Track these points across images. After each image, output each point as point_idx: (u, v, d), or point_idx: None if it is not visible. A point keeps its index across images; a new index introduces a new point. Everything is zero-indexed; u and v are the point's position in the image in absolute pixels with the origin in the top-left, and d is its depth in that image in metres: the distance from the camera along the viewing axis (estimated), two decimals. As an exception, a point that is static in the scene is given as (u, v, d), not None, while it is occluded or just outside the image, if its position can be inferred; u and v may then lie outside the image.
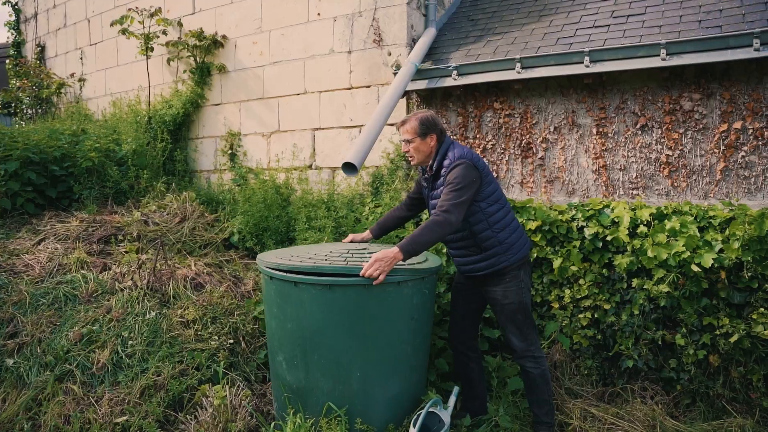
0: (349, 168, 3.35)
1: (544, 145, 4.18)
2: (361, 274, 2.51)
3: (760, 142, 3.45)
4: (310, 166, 5.28)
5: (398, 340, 2.73)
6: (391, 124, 4.78)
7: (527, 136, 4.23)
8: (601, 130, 3.94)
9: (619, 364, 3.51)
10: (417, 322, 2.81)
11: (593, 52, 3.73)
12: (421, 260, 2.88)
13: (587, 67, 3.75)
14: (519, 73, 4.02)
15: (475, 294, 3.02)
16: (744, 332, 3.14)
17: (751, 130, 3.46)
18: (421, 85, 4.48)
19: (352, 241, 3.31)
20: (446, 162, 2.83)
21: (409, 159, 2.94)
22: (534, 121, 4.21)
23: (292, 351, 2.70)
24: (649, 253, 3.27)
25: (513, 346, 2.88)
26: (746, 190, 3.50)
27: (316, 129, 5.23)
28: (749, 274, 3.08)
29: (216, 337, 3.36)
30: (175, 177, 5.62)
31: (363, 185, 4.86)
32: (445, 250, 3.73)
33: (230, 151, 5.71)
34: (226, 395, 2.79)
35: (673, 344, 3.36)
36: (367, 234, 3.32)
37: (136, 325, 3.27)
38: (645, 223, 3.40)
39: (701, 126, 3.60)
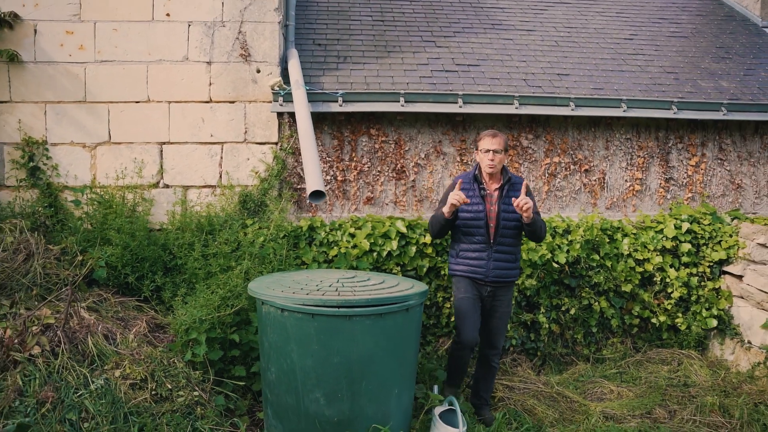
0: (317, 195, 3.35)
1: (415, 169, 4.85)
2: (520, 203, 3.13)
3: (567, 173, 4.92)
4: (156, 185, 4.66)
5: (414, 353, 3.03)
6: (261, 143, 4.72)
7: (401, 161, 4.84)
8: (462, 158, 4.86)
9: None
10: (419, 335, 3.15)
11: (465, 96, 4.60)
12: (412, 285, 3.16)
13: (460, 107, 4.60)
14: (403, 106, 4.58)
15: (481, 303, 3.49)
16: (577, 307, 4.49)
17: (563, 164, 4.90)
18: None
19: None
20: (517, 179, 3.45)
21: (491, 167, 3.35)
22: (406, 148, 4.84)
23: (335, 384, 2.69)
24: (524, 256, 4.32)
25: (497, 345, 3.53)
26: (560, 207, 4.93)
27: (164, 143, 4.66)
28: (585, 265, 4.45)
29: (181, 393, 2.91)
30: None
31: (232, 206, 4.62)
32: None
33: (31, 164, 4.51)
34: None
35: (535, 322, 4.51)
36: None
37: (85, 402, 2.58)
38: (517, 233, 4.44)
39: (533, 158, 4.88)
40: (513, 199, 3.22)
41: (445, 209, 3.28)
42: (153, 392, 2.86)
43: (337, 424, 2.72)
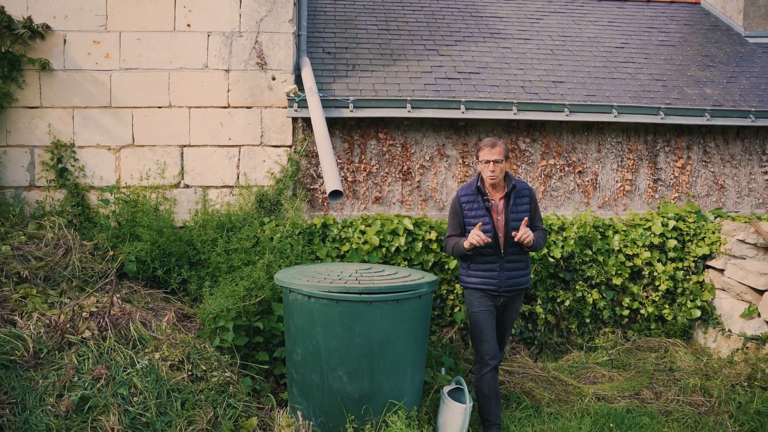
0: (336, 194, 3.66)
1: (420, 171, 5.18)
2: (520, 237, 3.24)
3: (562, 174, 5.26)
4: (177, 185, 4.96)
5: (425, 336, 3.34)
6: (277, 146, 5.03)
7: (407, 163, 5.16)
8: (464, 160, 5.19)
9: (500, 333, 4.81)
10: (429, 320, 3.47)
11: (467, 102, 4.92)
12: (423, 275, 3.49)
13: (463, 113, 4.92)
14: (409, 112, 4.91)
15: (495, 314, 3.48)
16: (571, 299, 4.83)
17: (558, 166, 5.24)
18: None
19: None
20: (522, 185, 3.46)
21: (492, 179, 3.34)
22: (412, 151, 5.16)
23: (357, 363, 3.00)
24: (523, 252, 4.64)
25: (503, 346, 3.66)
26: (555, 206, 5.27)
27: (185, 146, 4.96)
28: (579, 260, 4.78)
29: (214, 374, 3.22)
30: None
31: (249, 205, 4.92)
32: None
33: (60, 166, 4.79)
34: (294, 423, 2.87)
35: (532, 313, 4.84)
36: None
37: (134, 379, 2.88)
38: (516, 230, 4.78)
39: (531, 161, 5.22)
40: (514, 233, 3.27)
41: (466, 245, 3.30)
42: (189, 373, 3.16)
43: (357, 399, 3.03)
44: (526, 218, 3.32)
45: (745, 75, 5.95)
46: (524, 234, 3.24)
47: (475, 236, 3.24)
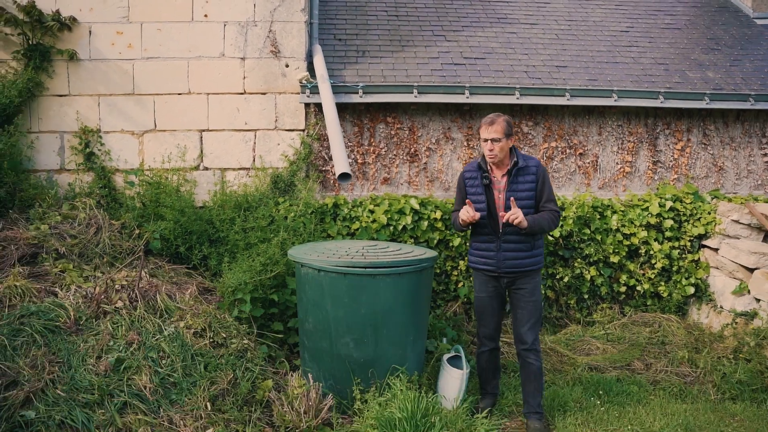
0: (344, 176, 3.93)
1: (427, 153, 5.41)
2: (508, 218, 3.12)
3: (564, 156, 5.45)
4: (197, 167, 5.26)
5: (426, 307, 3.63)
6: (290, 130, 5.29)
7: (414, 146, 5.40)
8: (468, 143, 5.40)
9: (501, 308, 5.08)
10: (430, 292, 3.75)
11: (472, 87, 5.12)
12: (425, 251, 3.77)
13: (467, 98, 5.13)
14: (416, 97, 5.13)
15: (502, 296, 3.47)
16: (570, 275, 5.07)
17: (559, 148, 5.44)
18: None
19: None
20: (530, 162, 3.28)
21: (490, 157, 3.25)
22: (419, 134, 5.39)
23: (362, 331, 3.30)
24: (524, 231, 4.88)
25: (525, 338, 3.33)
26: (557, 187, 5.47)
27: (204, 130, 5.25)
28: (578, 239, 5.01)
29: (233, 341, 3.54)
30: None
31: (265, 186, 5.21)
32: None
33: (87, 150, 5.12)
34: (305, 384, 3.18)
35: (532, 289, 5.09)
36: None
37: (162, 345, 3.21)
38: (517, 210, 5.01)
39: (533, 143, 5.42)
40: (502, 213, 3.23)
41: (459, 220, 3.32)
42: (211, 340, 3.49)
43: (363, 363, 3.34)
44: (513, 198, 3.21)
45: (749, 58, 6.03)
46: (512, 215, 3.13)
47: (464, 212, 3.23)
